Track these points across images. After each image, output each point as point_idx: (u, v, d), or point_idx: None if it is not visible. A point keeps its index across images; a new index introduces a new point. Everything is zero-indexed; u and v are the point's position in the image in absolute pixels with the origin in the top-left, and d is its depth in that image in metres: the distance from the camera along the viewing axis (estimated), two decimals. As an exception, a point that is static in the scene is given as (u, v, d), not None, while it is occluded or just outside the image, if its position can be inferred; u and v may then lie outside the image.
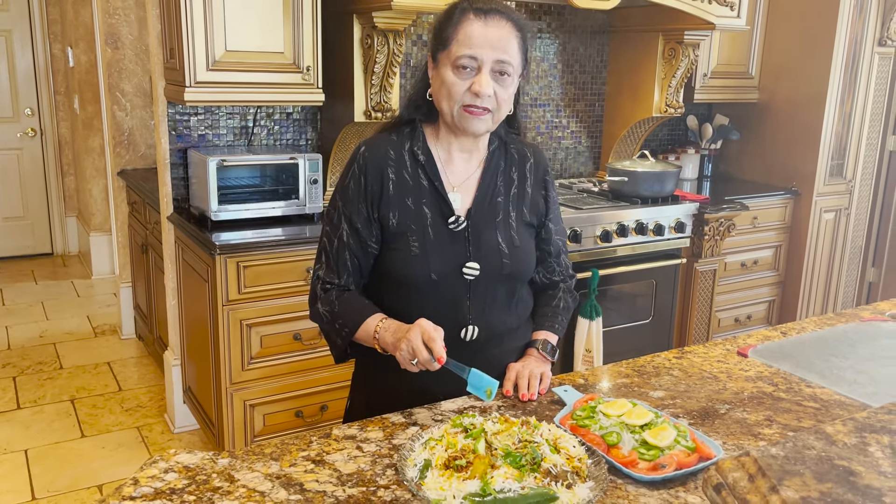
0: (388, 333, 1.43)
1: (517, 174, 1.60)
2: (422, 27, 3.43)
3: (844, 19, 3.83)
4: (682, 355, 1.76)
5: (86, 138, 5.22)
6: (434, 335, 1.36)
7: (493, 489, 1.08)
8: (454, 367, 1.40)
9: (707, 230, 3.58)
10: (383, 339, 1.44)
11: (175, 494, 1.12)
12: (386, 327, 1.45)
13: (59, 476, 2.95)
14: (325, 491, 1.15)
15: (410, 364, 1.38)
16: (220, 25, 2.71)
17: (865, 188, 4.23)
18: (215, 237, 2.67)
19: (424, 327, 1.37)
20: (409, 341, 1.36)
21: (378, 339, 1.45)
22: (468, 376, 1.41)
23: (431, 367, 1.37)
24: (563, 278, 1.71)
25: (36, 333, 4.44)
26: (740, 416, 1.44)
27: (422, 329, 1.37)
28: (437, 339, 1.35)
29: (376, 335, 1.45)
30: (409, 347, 1.36)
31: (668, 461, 1.20)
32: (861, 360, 1.71)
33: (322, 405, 2.91)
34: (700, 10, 3.37)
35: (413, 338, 1.36)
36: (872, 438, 0.91)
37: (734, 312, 4.02)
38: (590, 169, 4.14)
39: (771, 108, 4.18)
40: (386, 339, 1.44)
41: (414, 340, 1.36)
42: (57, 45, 5.74)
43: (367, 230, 1.51)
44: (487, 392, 1.40)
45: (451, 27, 1.46)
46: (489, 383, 1.40)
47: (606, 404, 1.35)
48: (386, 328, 1.44)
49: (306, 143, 3.33)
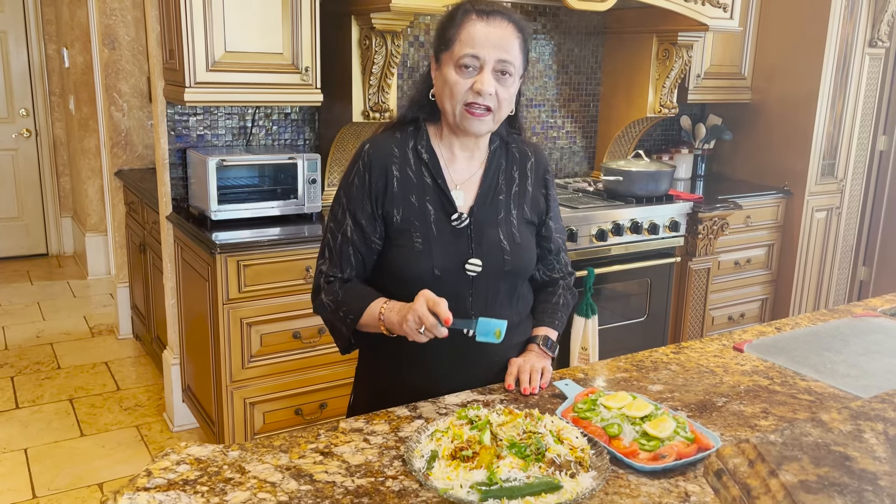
0: (393, 313, 1.45)
1: (518, 173, 1.64)
2: (419, 29, 3.45)
3: (836, 21, 3.88)
4: (680, 350, 1.79)
5: (81, 139, 5.22)
6: (438, 300, 1.38)
7: (500, 478, 1.11)
8: (461, 324, 1.42)
9: (701, 229, 3.62)
10: (388, 319, 1.46)
11: (188, 485, 1.14)
12: (390, 307, 1.47)
13: (60, 475, 2.96)
14: (335, 482, 1.17)
15: (418, 334, 1.39)
16: (220, 26, 2.73)
17: (856, 188, 4.28)
18: (215, 236, 2.70)
19: (427, 295, 1.39)
20: (415, 311, 1.38)
21: (384, 320, 1.47)
22: (476, 327, 1.42)
23: (439, 332, 1.39)
24: (563, 275, 1.74)
25: (33, 334, 4.44)
26: (737, 408, 1.48)
27: (425, 297, 1.39)
28: (440, 303, 1.38)
29: (381, 317, 1.47)
30: (415, 316, 1.38)
31: (668, 451, 1.23)
32: (854, 355, 1.75)
33: (321, 403, 2.94)
34: (693, 11, 3.42)
35: (418, 307, 1.38)
36: (867, 425, 0.94)
37: (728, 310, 4.07)
38: (585, 169, 4.17)
39: (763, 108, 4.23)
40: (391, 319, 1.46)
41: (419, 308, 1.38)
42: (52, 45, 5.74)
43: (371, 226, 1.54)
44: (496, 333, 1.41)
45: (453, 28, 1.49)
46: (497, 325, 1.41)
47: (607, 397, 1.38)
48: (390, 308, 1.47)
49: (304, 143, 3.35)
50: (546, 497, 1.09)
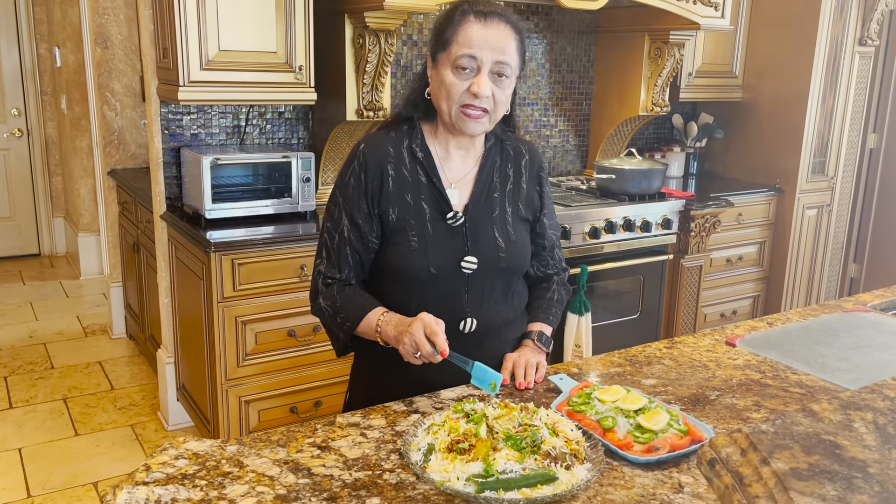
0: (391, 327, 1.47)
1: (513, 170, 1.65)
2: (412, 27, 3.47)
3: (826, 19, 3.91)
4: (673, 345, 1.81)
5: (73, 138, 5.21)
6: (436, 328, 1.39)
7: (496, 470, 1.12)
8: (457, 360, 1.43)
9: (693, 227, 3.64)
10: (385, 333, 1.48)
11: (187, 479, 1.15)
12: (388, 321, 1.48)
13: (54, 474, 2.96)
14: (333, 475, 1.18)
15: (413, 357, 1.41)
16: (214, 25, 2.73)
17: (847, 185, 4.32)
18: (210, 235, 2.70)
19: (426, 321, 1.40)
20: (412, 335, 1.39)
21: (380, 333, 1.48)
22: (472, 369, 1.43)
23: (434, 359, 1.40)
24: (557, 271, 1.76)
25: (26, 334, 4.43)
26: (729, 401, 1.50)
27: (424, 323, 1.40)
28: (438, 332, 1.38)
29: (378, 329, 1.49)
30: (412, 341, 1.39)
31: (662, 444, 1.25)
32: (844, 349, 1.77)
33: (316, 401, 2.95)
34: (685, 10, 3.44)
35: (415, 332, 1.39)
36: (857, 415, 0.96)
37: (720, 307, 4.09)
38: (577, 167, 4.19)
39: (754, 106, 4.26)
40: (388, 333, 1.47)
41: (416, 334, 1.39)
42: (43, 45, 5.72)
43: (368, 225, 1.55)
44: (492, 385, 1.42)
45: (451, 28, 1.50)
46: (493, 376, 1.42)
47: (601, 391, 1.40)
48: (388, 321, 1.48)
49: (298, 141, 3.36)
50: (542, 488, 1.11)
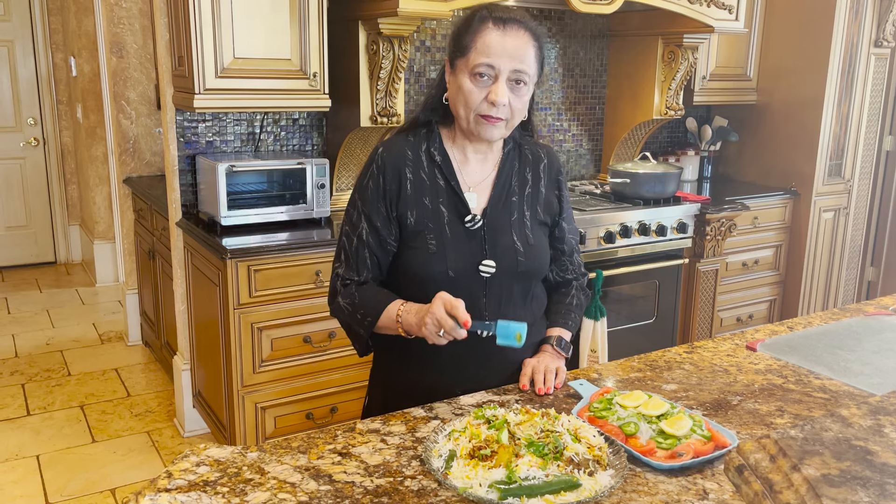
0: (411, 315, 1.46)
1: (531, 174, 1.64)
2: (425, 34, 3.47)
3: (840, 21, 3.89)
4: (693, 350, 1.79)
5: (89, 147, 5.25)
6: (455, 303, 1.38)
7: (518, 477, 1.12)
8: (480, 326, 1.41)
9: (709, 230, 3.62)
10: (406, 322, 1.47)
11: (209, 486, 1.15)
12: (408, 310, 1.47)
13: (72, 481, 2.97)
14: (354, 482, 1.18)
15: (437, 336, 1.40)
16: (229, 33, 2.75)
17: (863, 188, 4.28)
18: (226, 242, 2.71)
19: (445, 298, 1.39)
20: (433, 314, 1.38)
21: (401, 323, 1.48)
22: (496, 330, 1.41)
23: (458, 334, 1.39)
24: (576, 276, 1.75)
25: (42, 341, 4.46)
26: (752, 406, 1.48)
27: (443, 300, 1.39)
28: (458, 305, 1.38)
29: (399, 319, 1.48)
30: (434, 319, 1.38)
31: (686, 449, 1.24)
32: (867, 353, 1.75)
33: (332, 407, 2.94)
34: (699, 13, 3.43)
35: (436, 310, 1.38)
36: (886, 420, 0.94)
37: (736, 312, 4.06)
38: (591, 171, 4.18)
39: (769, 109, 4.23)
40: (409, 321, 1.46)
41: (437, 312, 1.38)
42: (59, 54, 5.78)
43: (387, 229, 1.55)
44: (517, 336, 1.40)
45: (469, 35, 1.49)
46: (517, 328, 1.40)
47: (623, 396, 1.39)
48: (408, 310, 1.47)
49: (312, 148, 3.36)
50: (565, 495, 1.10)
